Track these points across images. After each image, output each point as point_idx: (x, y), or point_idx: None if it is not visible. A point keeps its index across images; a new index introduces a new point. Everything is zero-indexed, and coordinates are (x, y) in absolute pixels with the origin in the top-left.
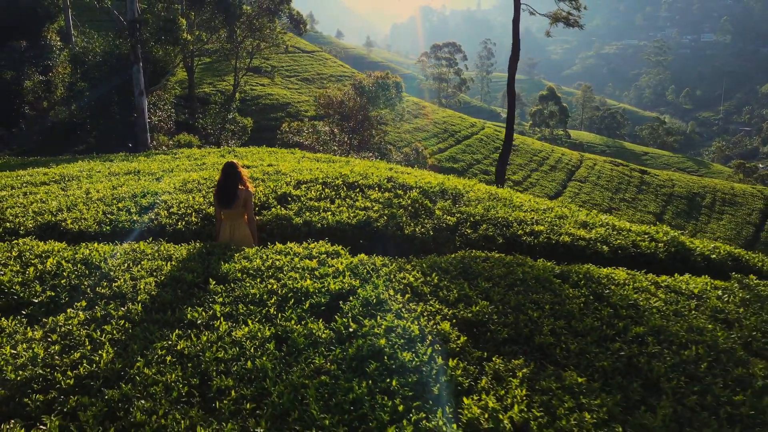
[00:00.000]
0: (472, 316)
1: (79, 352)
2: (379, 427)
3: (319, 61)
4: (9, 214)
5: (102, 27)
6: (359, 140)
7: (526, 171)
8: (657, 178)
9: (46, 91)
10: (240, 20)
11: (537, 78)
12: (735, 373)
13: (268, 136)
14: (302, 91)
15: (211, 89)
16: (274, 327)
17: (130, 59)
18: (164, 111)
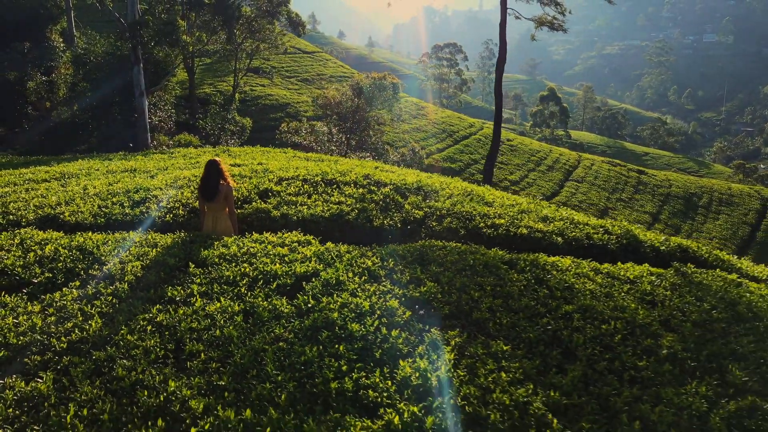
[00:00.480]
0: (420, 296)
1: (71, 322)
2: (323, 382)
3: (319, 62)
4: (12, 207)
5: (104, 28)
6: (357, 140)
7: (524, 171)
8: (654, 178)
9: (48, 91)
10: (239, 22)
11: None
12: (645, 343)
13: (267, 136)
14: (302, 91)
15: (212, 90)
16: (243, 303)
17: (131, 60)
18: (164, 111)
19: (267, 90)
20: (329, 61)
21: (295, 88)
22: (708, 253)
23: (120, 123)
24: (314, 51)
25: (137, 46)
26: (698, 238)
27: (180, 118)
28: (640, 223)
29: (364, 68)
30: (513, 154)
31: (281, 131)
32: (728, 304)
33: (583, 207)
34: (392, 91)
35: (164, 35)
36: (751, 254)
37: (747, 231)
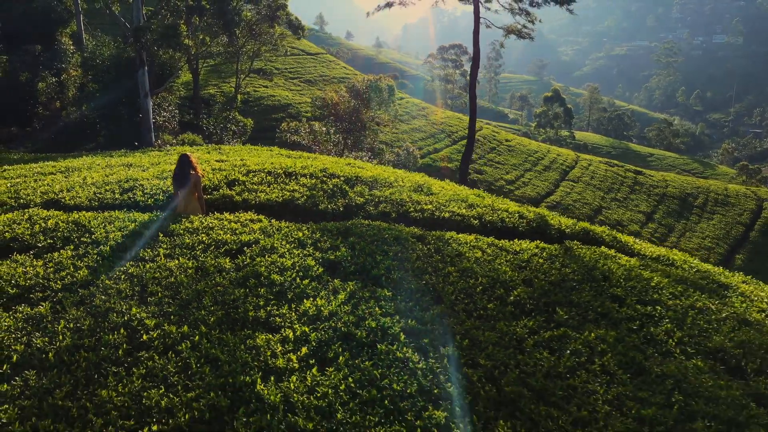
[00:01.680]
0: (334, 258)
1: (65, 272)
2: (244, 312)
3: (322, 64)
4: (22, 193)
5: (112, 31)
6: (353, 140)
7: (520, 171)
8: (651, 178)
9: (58, 92)
10: (240, 26)
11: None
12: (498, 293)
13: (268, 135)
14: (304, 92)
15: (216, 90)
16: (196, 261)
17: (136, 63)
18: (168, 112)
19: (270, 91)
20: (332, 62)
21: (298, 89)
22: (607, 235)
23: (126, 123)
24: (318, 53)
25: (142, 50)
26: (691, 237)
27: (184, 118)
28: (634, 222)
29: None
30: (510, 154)
31: (281, 131)
32: (587, 269)
33: (577, 206)
34: (388, 92)
35: (167, 39)
36: (743, 253)
37: (741, 231)
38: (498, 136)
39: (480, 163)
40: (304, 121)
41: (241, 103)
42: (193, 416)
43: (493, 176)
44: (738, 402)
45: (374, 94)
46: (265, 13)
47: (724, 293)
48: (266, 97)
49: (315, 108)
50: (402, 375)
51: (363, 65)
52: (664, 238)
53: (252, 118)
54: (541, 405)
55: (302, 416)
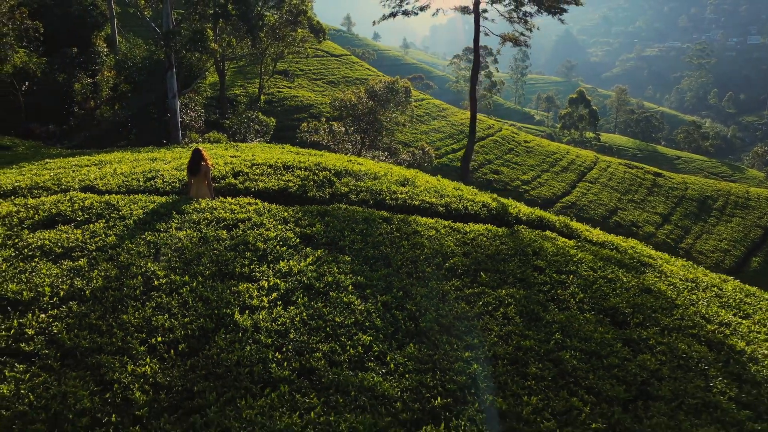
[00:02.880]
0: (310, 232)
1: (98, 238)
2: (232, 269)
3: (346, 65)
4: (63, 181)
5: (144, 34)
6: (370, 140)
7: (537, 171)
8: (671, 180)
9: (92, 92)
10: (263, 30)
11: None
12: (437, 261)
13: (290, 134)
14: (326, 93)
15: (241, 91)
16: (199, 233)
17: (165, 66)
18: (195, 111)
19: (293, 92)
20: (355, 64)
21: (321, 90)
22: (559, 222)
23: (155, 122)
24: (342, 54)
25: (170, 53)
26: (707, 240)
27: (211, 118)
28: (649, 223)
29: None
30: (528, 155)
31: (301, 131)
32: (521, 246)
33: (592, 207)
34: (404, 94)
35: (194, 43)
36: (759, 256)
37: (759, 234)
38: (517, 137)
39: (497, 163)
40: (323, 121)
41: (264, 103)
42: (187, 333)
43: (509, 176)
44: (607, 342)
45: (391, 95)
46: (287, 18)
47: (642, 270)
48: (289, 97)
49: (334, 109)
50: (344, 312)
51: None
52: (680, 239)
53: (275, 118)
54: (445, 335)
55: (264, 335)
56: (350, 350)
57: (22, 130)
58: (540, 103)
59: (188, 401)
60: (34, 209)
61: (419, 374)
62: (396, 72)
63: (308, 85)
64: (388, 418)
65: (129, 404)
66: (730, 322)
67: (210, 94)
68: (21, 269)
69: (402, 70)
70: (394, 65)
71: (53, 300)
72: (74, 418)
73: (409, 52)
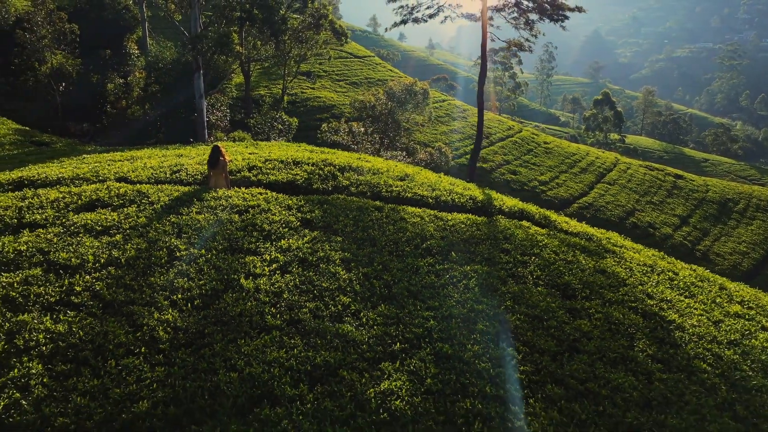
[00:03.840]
0: (310, 217)
1: (131, 219)
2: (241, 245)
3: (369, 66)
4: (100, 173)
5: (173, 36)
6: (389, 140)
7: (555, 172)
8: (692, 183)
9: (124, 92)
10: (287, 33)
11: (602, 81)
12: (416, 242)
13: (312, 134)
14: (349, 94)
15: (266, 91)
16: (215, 216)
17: (193, 68)
18: (221, 111)
19: (316, 92)
20: (378, 65)
21: (343, 90)
22: (538, 214)
23: (183, 121)
24: (365, 55)
25: (198, 56)
26: (726, 242)
27: (236, 117)
28: (667, 225)
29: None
30: (547, 156)
31: (322, 131)
32: (494, 232)
33: (609, 208)
34: (422, 96)
35: (221, 46)
36: None
37: None
38: (537, 139)
39: (515, 164)
40: (342, 121)
41: (288, 103)
42: (201, 292)
43: (527, 177)
44: (551, 309)
45: (409, 97)
46: (309, 21)
47: (604, 255)
48: (312, 98)
49: (354, 109)
50: (330, 280)
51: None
52: (697, 241)
53: (297, 118)
54: (412, 299)
55: (263, 294)
56: (332, 308)
57: (58, 128)
58: (565, 104)
59: (200, 340)
60: (77, 195)
61: (385, 327)
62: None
63: (331, 86)
64: (355, 356)
65: (155, 341)
66: (671, 300)
67: (236, 94)
68: (69, 242)
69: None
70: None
71: (95, 265)
72: (113, 349)
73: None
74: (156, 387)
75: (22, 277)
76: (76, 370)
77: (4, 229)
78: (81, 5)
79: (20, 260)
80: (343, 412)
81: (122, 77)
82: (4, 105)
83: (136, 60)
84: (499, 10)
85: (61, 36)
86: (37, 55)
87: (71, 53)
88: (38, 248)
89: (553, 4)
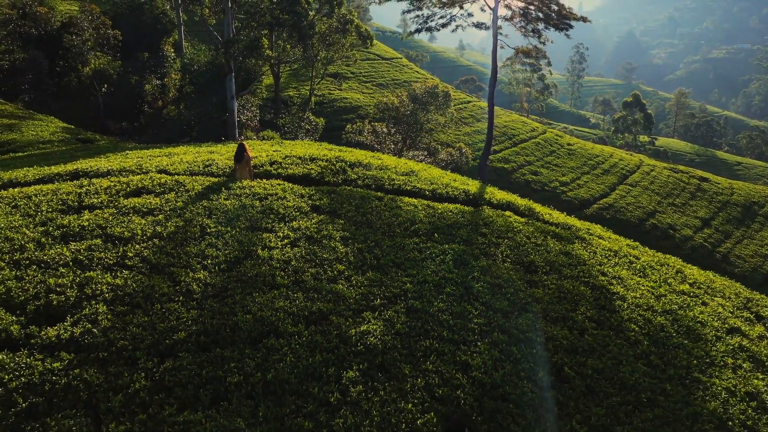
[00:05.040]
0: (318, 204)
1: (171, 203)
2: (260, 225)
3: (396, 68)
4: (144, 166)
5: (207, 40)
6: (411, 140)
7: (576, 174)
8: (716, 185)
9: (161, 93)
10: (314, 38)
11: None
12: (406, 225)
13: (338, 134)
14: (375, 95)
15: (295, 93)
16: (240, 201)
17: (225, 70)
18: (251, 112)
19: (343, 94)
20: (405, 66)
21: (370, 92)
22: (523, 206)
23: (215, 120)
24: (393, 57)
25: (230, 59)
26: (748, 245)
27: (266, 117)
28: (687, 227)
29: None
30: (570, 157)
31: (347, 131)
32: (476, 219)
33: (629, 209)
34: (443, 98)
35: (251, 50)
36: None
37: None
38: (560, 140)
39: (537, 165)
40: (367, 122)
41: (315, 104)
42: (226, 259)
43: (548, 178)
44: (512, 280)
45: (431, 99)
46: (336, 26)
47: (573, 241)
48: (339, 99)
49: (378, 111)
50: (330, 252)
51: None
52: (718, 243)
53: (324, 118)
54: (395, 268)
55: (275, 262)
56: (329, 273)
57: (100, 127)
58: (596, 105)
59: (224, 293)
60: (126, 184)
61: (370, 287)
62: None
63: (358, 87)
64: (344, 307)
65: (190, 292)
66: (623, 277)
67: (266, 95)
68: (121, 220)
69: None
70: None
71: (143, 238)
72: (158, 297)
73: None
74: (191, 323)
75: (87, 245)
76: (131, 310)
77: (68, 210)
78: (121, 10)
79: (83, 233)
80: (330, 344)
81: (159, 79)
82: (51, 105)
83: (172, 62)
84: (507, 20)
85: (104, 40)
86: (81, 58)
87: (113, 56)
88: (97, 224)
89: (559, 14)
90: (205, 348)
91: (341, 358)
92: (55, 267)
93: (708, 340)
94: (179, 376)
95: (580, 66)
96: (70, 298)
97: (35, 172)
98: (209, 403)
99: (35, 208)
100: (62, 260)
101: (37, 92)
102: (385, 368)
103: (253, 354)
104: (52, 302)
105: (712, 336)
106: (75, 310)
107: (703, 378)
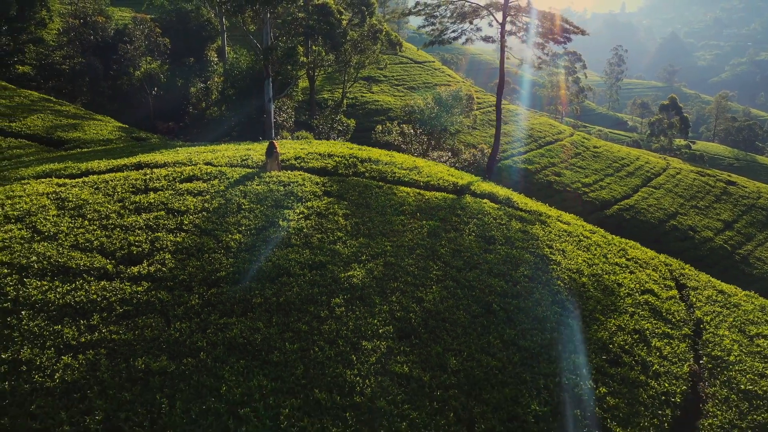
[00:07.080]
0: (329, 190)
1: (215, 187)
2: (282, 204)
3: (427, 71)
4: (192, 159)
5: (248, 46)
6: (435, 141)
7: (600, 175)
8: (743, 189)
9: (204, 95)
10: (346, 45)
11: (677, 85)
12: (396, 206)
13: (368, 135)
14: (405, 98)
15: (329, 95)
16: (267, 188)
17: (263, 75)
18: (287, 113)
19: (374, 96)
20: (437, 70)
21: (401, 95)
22: (502, 196)
23: (253, 122)
24: (425, 60)
25: (268, 65)
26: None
27: (301, 118)
28: (708, 229)
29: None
30: (594, 159)
31: (376, 132)
32: (455, 204)
33: (651, 210)
34: (467, 101)
35: (288, 57)
36: None
37: None
38: (587, 143)
39: (561, 167)
40: (395, 124)
41: (347, 106)
42: (256, 226)
43: (570, 179)
44: (470, 247)
45: (455, 102)
46: (367, 34)
47: (535, 222)
48: (370, 101)
49: (405, 113)
50: (333, 224)
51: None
52: (739, 245)
53: (356, 120)
54: (380, 236)
55: (291, 230)
56: (330, 237)
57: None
58: (634, 108)
59: (253, 248)
60: (180, 173)
61: (360, 248)
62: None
63: (389, 90)
64: (338, 260)
65: (228, 248)
66: (566, 250)
67: (301, 98)
68: (178, 199)
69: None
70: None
71: (195, 211)
72: (206, 250)
73: None
74: (229, 266)
75: (154, 215)
76: (188, 258)
77: (137, 191)
78: (169, 18)
79: (151, 207)
80: (325, 282)
81: (203, 82)
82: (106, 105)
83: (215, 67)
84: (512, 34)
85: (154, 47)
86: (133, 62)
87: (162, 61)
88: (160, 201)
89: (561, 28)
90: (238, 281)
91: (331, 291)
92: (132, 229)
93: (619, 295)
94: (221, 298)
95: (618, 68)
96: (145, 249)
97: (105, 163)
98: (240, 313)
99: (112, 189)
100: (137, 225)
101: (94, 94)
102: (362, 299)
103: (271, 286)
104: (133, 251)
105: (625, 293)
106: (149, 257)
107: (601, 318)
